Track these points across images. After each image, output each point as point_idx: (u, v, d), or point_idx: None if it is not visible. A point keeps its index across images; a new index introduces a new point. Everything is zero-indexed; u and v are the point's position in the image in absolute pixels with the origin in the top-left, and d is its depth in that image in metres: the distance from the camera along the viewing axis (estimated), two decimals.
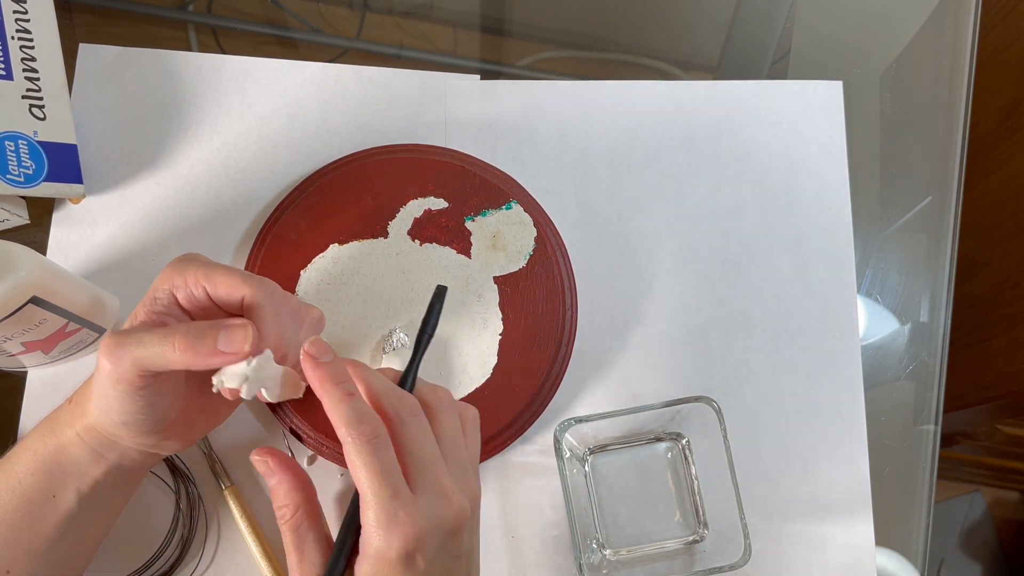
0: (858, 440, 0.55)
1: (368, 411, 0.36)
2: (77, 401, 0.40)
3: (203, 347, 0.36)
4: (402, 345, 0.52)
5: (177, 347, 0.36)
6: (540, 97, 0.59)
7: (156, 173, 0.55)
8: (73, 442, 0.40)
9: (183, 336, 0.36)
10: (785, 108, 0.60)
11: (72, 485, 0.40)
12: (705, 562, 0.49)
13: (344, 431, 0.35)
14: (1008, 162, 0.98)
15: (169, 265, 0.39)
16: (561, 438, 0.48)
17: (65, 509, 0.40)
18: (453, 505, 0.37)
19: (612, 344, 0.55)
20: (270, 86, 0.58)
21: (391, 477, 0.35)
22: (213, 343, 0.36)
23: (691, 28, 0.67)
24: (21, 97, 0.50)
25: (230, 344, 0.36)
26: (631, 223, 0.57)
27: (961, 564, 1.39)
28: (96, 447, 0.40)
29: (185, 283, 0.39)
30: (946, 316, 0.60)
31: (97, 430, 0.39)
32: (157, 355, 0.36)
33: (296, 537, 0.38)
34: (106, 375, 0.37)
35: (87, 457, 0.40)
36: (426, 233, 0.54)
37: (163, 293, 0.39)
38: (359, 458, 0.35)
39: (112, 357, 0.36)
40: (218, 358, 0.37)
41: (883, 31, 0.66)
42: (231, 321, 0.37)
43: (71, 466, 0.40)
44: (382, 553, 0.35)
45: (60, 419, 0.40)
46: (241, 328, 0.37)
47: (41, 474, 0.39)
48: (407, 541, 0.35)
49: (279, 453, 0.39)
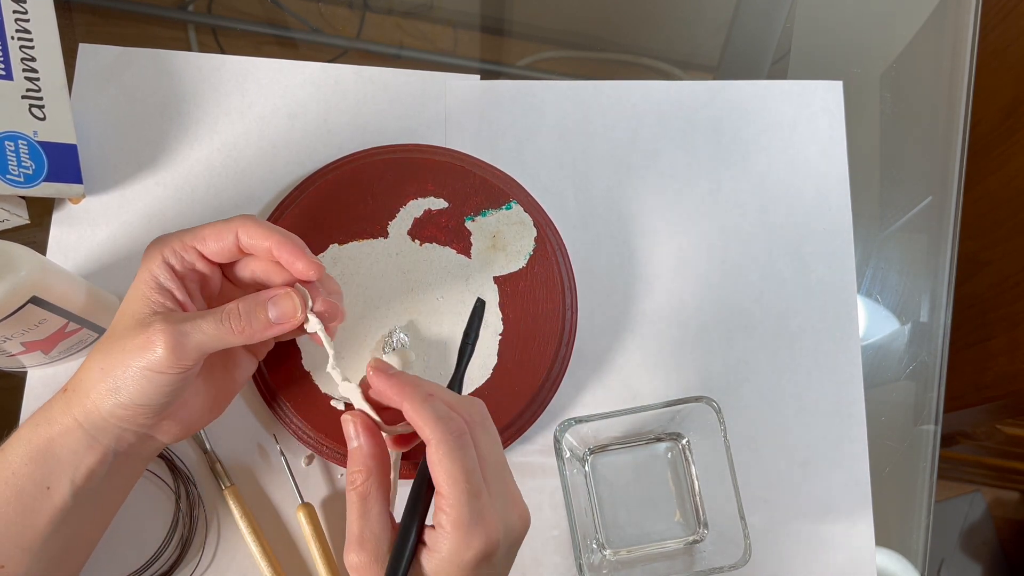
0: (858, 440, 0.55)
1: (450, 411, 0.37)
2: (72, 388, 0.40)
3: (257, 323, 0.39)
4: (402, 345, 0.52)
5: (234, 329, 0.38)
6: (540, 97, 0.59)
7: (156, 173, 0.55)
8: (69, 429, 0.39)
9: (236, 318, 0.38)
10: (785, 108, 0.60)
11: (66, 476, 0.40)
12: (705, 562, 0.49)
13: (431, 428, 0.36)
14: (1008, 162, 0.98)
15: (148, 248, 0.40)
16: (561, 438, 0.48)
17: (59, 502, 0.40)
18: (521, 512, 0.38)
19: (612, 344, 0.55)
20: (270, 86, 0.58)
21: (475, 477, 0.36)
22: (266, 317, 0.39)
23: (691, 28, 0.67)
24: (21, 97, 0.50)
25: (282, 315, 0.39)
26: (631, 223, 0.57)
27: (961, 564, 1.39)
28: (92, 431, 0.39)
29: (173, 251, 0.40)
30: (946, 316, 0.60)
31: (97, 413, 0.39)
32: (216, 339, 0.38)
33: (362, 506, 0.38)
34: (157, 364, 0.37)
35: (82, 444, 0.40)
36: (426, 233, 0.54)
37: (159, 269, 0.39)
38: (447, 455, 0.35)
39: (179, 351, 0.37)
40: (275, 329, 0.39)
41: (883, 31, 0.66)
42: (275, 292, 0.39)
43: (66, 455, 0.39)
44: (459, 552, 0.35)
45: (54, 407, 0.40)
46: (286, 297, 0.39)
47: (35, 464, 0.39)
48: (488, 543, 0.35)
49: (368, 419, 0.40)
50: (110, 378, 0.38)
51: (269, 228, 0.40)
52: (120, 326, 0.39)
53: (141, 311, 0.39)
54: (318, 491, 0.52)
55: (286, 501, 0.51)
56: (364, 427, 0.40)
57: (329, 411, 0.51)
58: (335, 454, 0.51)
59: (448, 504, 0.35)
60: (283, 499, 0.51)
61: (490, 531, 0.35)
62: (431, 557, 0.36)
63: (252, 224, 0.40)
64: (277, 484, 0.52)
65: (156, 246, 0.40)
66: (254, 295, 0.40)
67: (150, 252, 0.40)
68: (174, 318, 0.38)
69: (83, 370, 0.40)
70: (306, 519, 0.50)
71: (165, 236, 0.40)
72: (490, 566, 0.36)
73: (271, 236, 0.40)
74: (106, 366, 0.38)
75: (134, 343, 0.38)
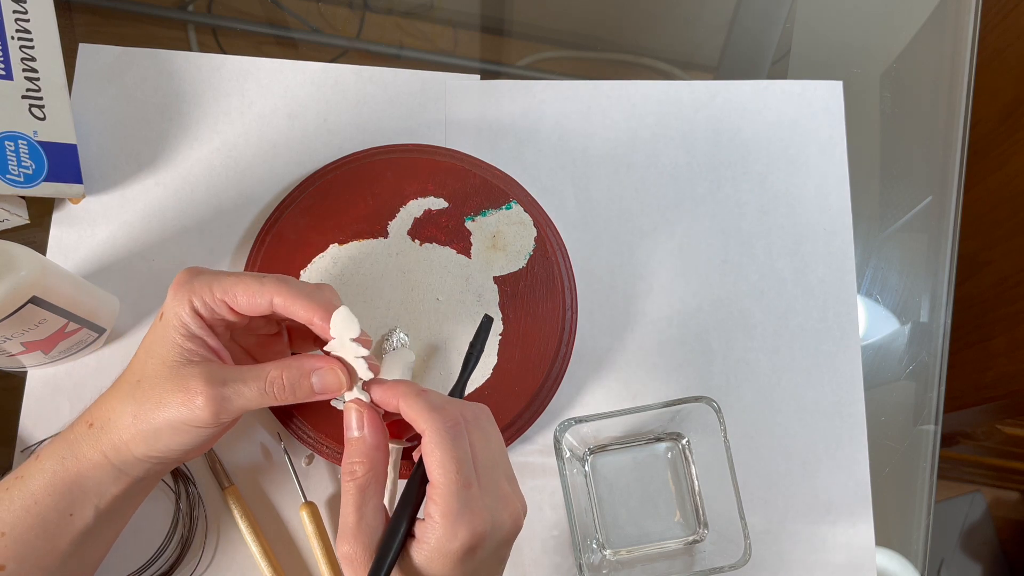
0: (858, 440, 0.55)
1: (445, 403, 0.38)
2: (100, 426, 0.39)
3: (302, 393, 0.39)
4: (402, 345, 0.52)
5: (277, 395, 0.38)
6: (540, 97, 0.59)
7: (156, 173, 0.55)
8: (98, 465, 0.39)
9: (280, 388, 0.38)
10: (785, 108, 0.60)
11: (91, 504, 0.40)
12: (705, 562, 0.49)
13: (425, 418, 0.37)
14: (1008, 162, 0.98)
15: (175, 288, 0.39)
16: (561, 438, 0.48)
17: (82, 526, 0.40)
18: (512, 513, 0.38)
19: (612, 344, 0.55)
20: (270, 86, 0.58)
21: (466, 468, 0.36)
22: (310, 387, 0.39)
23: (691, 28, 0.67)
24: (21, 97, 0.50)
25: (326, 388, 0.39)
26: (631, 223, 0.57)
27: (961, 564, 1.39)
28: (121, 467, 0.40)
29: (204, 302, 0.39)
30: (946, 316, 0.60)
31: (130, 454, 0.39)
32: (258, 403, 0.38)
33: (360, 498, 0.38)
34: (197, 421, 0.37)
35: (110, 477, 0.40)
36: (426, 233, 0.54)
37: (189, 318, 0.38)
38: (439, 444, 0.36)
39: (220, 413, 0.37)
40: (316, 398, 0.39)
41: (883, 31, 0.66)
42: (320, 363, 0.39)
43: (92, 486, 0.40)
44: (446, 542, 0.36)
45: (82, 443, 0.39)
46: (331, 372, 0.39)
47: (59, 495, 0.39)
48: (473, 535, 0.36)
49: (373, 411, 0.40)
50: (144, 425, 0.38)
51: (308, 299, 0.38)
52: (150, 371, 0.38)
53: (173, 359, 0.38)
54: (318, 491, 0.52)
55: (286, 501, 0.51)
56: (370, 418, 0.40)
57: (329, 411, 0.51)
58: (335, 454, 0.51)
59: (438, 493, 0.36)
60: (283, 499, 0.51)
61: (477, 523, 0.36)
62: (419, 548, 0.37)
63: (288, 294, 0.38)
64: (277, 484, 0.52)
65: (184, 291, 0.39)
66: (298, 364, 0.39)
67: (178, 295, 0.39)
68: (214, 376, 0.37)
69: (111, 411, 0.39)
70: (309, 518, 0.50)
71: (193, 280, 0.39)
72: (476, 560, 0.37)
73: (313, 310, 0.38)
74: (140, 413, 0.38)
75: (172, 399, 0.37)
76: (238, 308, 0.39)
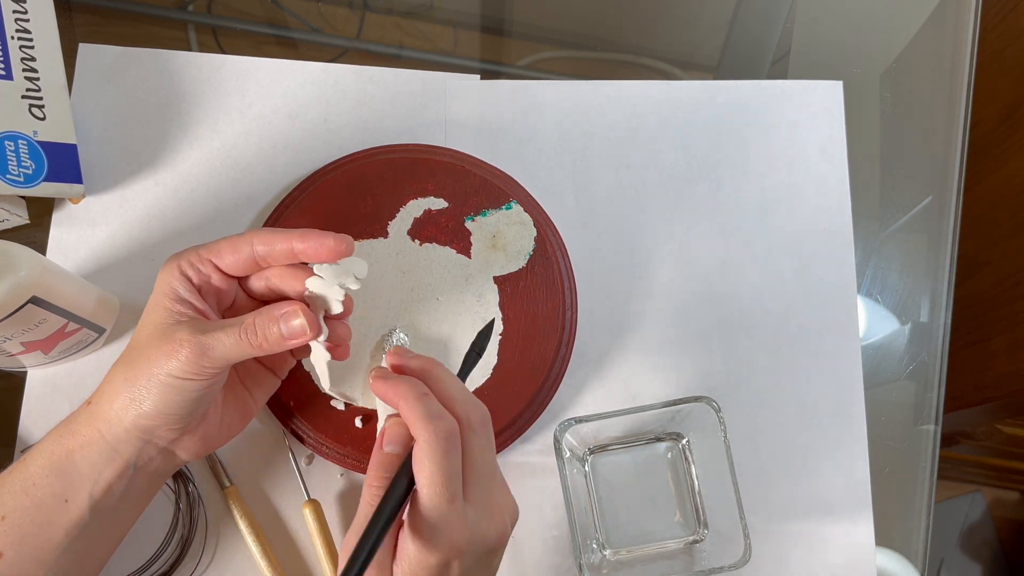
0: (858, 440, 0.55)
1: (444, 411, 0.38)
2: (96, 400, 0.40)
3: (273, 337, 0.39)
4: (402, 344, 0.52)
5: (252, 343, 0.39)
6: (540, 97, 0.59)
7: (156, 173, 0.55)
8: (91, 441, 0.40)
9: (252, 333, 0.39)
10: (785, 108, 0.60)
11: (85, 489, 0.40)
12: (705, 562, 0.49)
13: (421, 426, 0.37)
14: (1008, 162, 0.98)
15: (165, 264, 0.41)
16: (561, 438, 0.48)
17: (76, 515, 0.40)
18: (498, 524, 0.39)
19: (612, 344, 0.55)
20: (270, 86, 0.58)
21: (453, 483, 0.37)
22: (279, 331, 0.39)
23: (691, 28, 0.67)
24: (21, 97, 0.50)
25: (292, 332, 0.40)
26: (631, 223, 0.57)
27: (961, 564, 1.39)
28: (114, 443, 0.40)
29: (190, 263, 0.40)
30: (946, 316, 0.60)
31: (120, 424, 0.39)
32: (237, 351, 0.39)
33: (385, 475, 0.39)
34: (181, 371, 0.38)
35: (103, 457, 0.40)
36: (426, 233, 0.54)
37: (177, 281, 0.40)
38: (430, 457, 0.36)
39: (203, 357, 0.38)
40: (289, 343, 0.40)
41: (883, 31, 0.66)
42: (286, 307, 0.40)
43: (85, 467, 0.40)
44: (425, 556, 0.36)
45: (78, 420, 0.40)
46: (293, 315, 0.40)
47: (55, 475, 0.40)
48: (450, 551, 0.36)
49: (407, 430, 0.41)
50: (134, 388, 0.39)
51: (284, 230, 0.41)
52: (142, 337, 0.40)
53: (163, 321, 0.39)
54: (318, 491, 0.52)
55: (286, 500, 0.51)
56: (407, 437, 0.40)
57: (330, 412, 0.51)
58: (335, 454, 0.51)
59: (422, 506, 0.37)
60: (283, 498, 0.51)
61: (456, 537, 0.36)
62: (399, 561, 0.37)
63: (266, 231, 0.41)
64: (277, 483, 0.52)
65: (172, 259, 0.41)
66: (268, 308, 0.40)
67: (167, 265, 0.41)
68: (198, 327, 0.39)
69: (106, 382, 0.40)
70: (312, 516, 0.50)
71: (181, 251, 0.41)
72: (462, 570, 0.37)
73: (288, 235, 0.40)
74: (129, 376, 0.39)
75: (158, 352, 0.38)
76: (224, 266, 0.41)
